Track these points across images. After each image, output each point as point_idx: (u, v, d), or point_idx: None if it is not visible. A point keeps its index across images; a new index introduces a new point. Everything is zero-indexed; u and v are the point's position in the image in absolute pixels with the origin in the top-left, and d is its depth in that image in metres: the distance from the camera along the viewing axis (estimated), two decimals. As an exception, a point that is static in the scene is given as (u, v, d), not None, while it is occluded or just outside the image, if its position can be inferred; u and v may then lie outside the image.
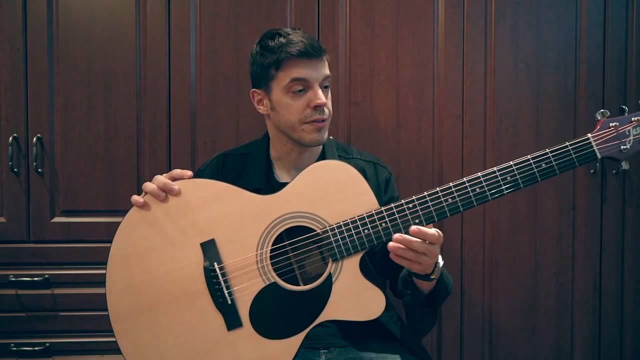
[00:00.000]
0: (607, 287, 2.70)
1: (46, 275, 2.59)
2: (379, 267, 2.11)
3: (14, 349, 2.57)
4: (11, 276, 2.58)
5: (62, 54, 2.62)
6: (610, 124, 1.81)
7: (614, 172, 2.65)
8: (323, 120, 2.01)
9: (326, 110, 2.02)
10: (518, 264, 2.70)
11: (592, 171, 2.65)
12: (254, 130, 2.60)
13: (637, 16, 2.64)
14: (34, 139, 2.58)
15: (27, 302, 2.60)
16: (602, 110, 1.83)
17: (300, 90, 1.99)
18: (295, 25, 2.62)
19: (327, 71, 2.04)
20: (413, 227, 1.76)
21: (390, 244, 1.77)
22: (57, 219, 2.63)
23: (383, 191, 2.18)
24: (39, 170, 2.60)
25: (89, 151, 2.63)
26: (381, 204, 2.07)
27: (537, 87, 2.67)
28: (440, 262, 1.87)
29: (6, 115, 2.60)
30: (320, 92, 1.99)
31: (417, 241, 1.76)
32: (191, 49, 2.65)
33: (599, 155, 1.80)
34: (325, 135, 2.04)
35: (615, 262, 2.69)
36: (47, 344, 2.59)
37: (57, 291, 2.60)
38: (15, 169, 2.59)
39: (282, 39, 2.00)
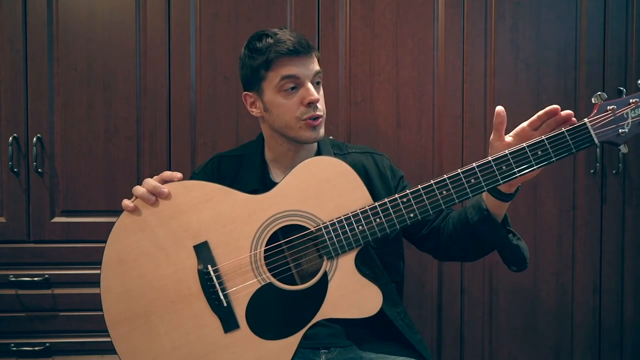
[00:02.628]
0: (607, 287, 2.70)
1: (46, 275, 2.59)
2: (418, 238, 2.12)
3: (14, 349, 2.58)
4: (11, 276, 2.58)
5: (62, 54, 2.62)
6: (608, 107, 1.75)
7: (614, 172, 2.65)
8: (318, 118, 1.99)
9: (319, 106, 2.00)
10: (518, 264, 2.70)
11: (592, 171, 2.65)
12: (254, 130, 2.59)
13: (637, 16, 2.64)
14: (34, 139, 2.59)
15: (27, 302, 2.60)
16: (598, 93, 1.77)
17: (292, 88, 1.98)
18: (295, 25, 2.63)
19: (317, 67, 2.02)
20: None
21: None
22: (57, 219, 2.63)
23: (390, 177, 2.16)
24: (39, 170, 2.60)
25: (89, 151, 2.63)
26: (391, 189, 2.11)
27: (537, 87, 2.67)
28: None
29: (6, 115, 2.61)
30: (312, 88, 1.98)
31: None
32: (191, 49, 2.65)
33: (596, 141, 1.74)
34: (322, 132, 2.02)
35: (615, 262, 2.69)
36: (47, 344, 2.59)
37: (57, 291, 2.61)
38: (15, 169, 2.59)
39: (269, 39, 1.99)
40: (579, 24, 2.66)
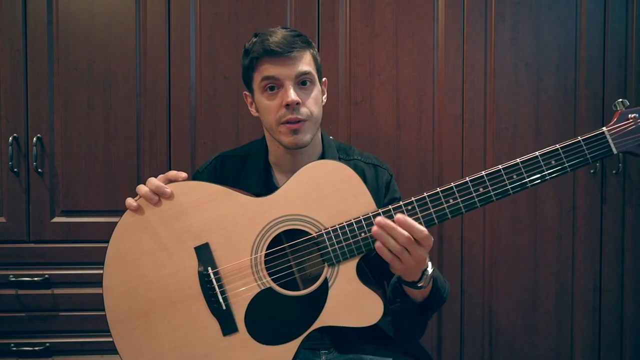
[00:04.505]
0: (607, 287, 2.70)
1: (46, 275, 2.59)
2: (377, 271, 2.05)
3: (14, 349, 2.58)
4: (11, 276, 2.58)
5: (62, 54, 2.62)
6: (629, 115, 1.66)
7: (614, 172, 2.64)
8: (298, 121, 1.94)
9: (303, 109, 1.94)
10: (518, 264, 2.69)
11: (592, 171, 2.65)
12: (254, 130, 2.60)
13: (637, 16, 2.63)
14: (34, 139, 2.59)
15: (27, 302, 2.60)
16: (621, 99, 1.69)
17: (272, 89, 1.95)
18: (295, 25, 2.62)
19: (303, 68, 1.95)
20: (399, 215, 1.68)
21: (373, 228, 1.69)
22: (57, 219, 2.63)
23: (383, 195, 2.13)
24: (39, 170, 2.60)
25: (89, 151, 2.63)
26: (380, 207, 2.05)
27: (537, 87, 2.67)
28: (430, 269, 1.78)
29: (6, 115, 2.61)
30: (291, 90, 1.92)
31: (399, 230, 1.67)
32: (191, 49, 2.65)
33: (614, 151, 1.66)
34: (306, 137, 1.96)
35: (615, 262, 2.69)
36: (47, 344, 2.60)
37: (57, 291, 2.61)
38: (15, 169, 2.59)
39: (256, 39, 1.98)
40: (579, 24, 2.66)
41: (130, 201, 1.82)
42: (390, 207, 1.76)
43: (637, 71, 2.64)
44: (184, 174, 1.83)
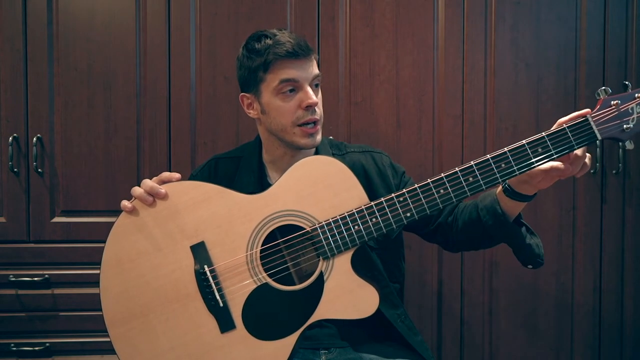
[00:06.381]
0: (607, 287, 2.69)
1: (46, 275, 2.60)
2: (424, 233, 2.11)
3: (14, 349, 2.58)
4: (11, 276, 2.59)
5: (62, 54, 2.62)
6: (612, 102, 1.69)
7: (614, 172, 2.64)
8: (315, 124, 1.97)
9: (317, 110, 1.98)
10: (518, 265, 2.65)
11: (592, 171, 2.65)
12: (254, 130, 2.57)
13: (637, 16, 2.63)
14: (34, 139, 2.59)
15: (27, 302, 2.60)
16: (603, 87, 1.71)
17: (290, 91, 1.95)
18: (295, 25, 2.63)
19: (316, 70, 1.99)
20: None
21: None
22: (57, 219, 2.63)
23: (390, 175, 2.13)
24: (39, 170, 2.60)
25: (89, 151, 2.64)
26: (391, 187, 2.08)
27: (537, 87, 2.67)
28: None
29: (6, 115, 2.61)
30: (311, 91, 1.95)
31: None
32: (191, 49, 2.65)
33: (599, 137, 1.69)
34: (318, 138, 1.99)
35: (615, 262, 2.69)
36: (47, 344, 2.60)
37: (57, 291, 2.61)
38: (15, 169, 2.60)
39: (268, 41, 1.95)
40: (579, 24, 2.66)
41: (125, 203, 1.83)
42: (382, 199, 1.78)
43: (637, 71, 2.64)
44: (177, 175, 1.84)
